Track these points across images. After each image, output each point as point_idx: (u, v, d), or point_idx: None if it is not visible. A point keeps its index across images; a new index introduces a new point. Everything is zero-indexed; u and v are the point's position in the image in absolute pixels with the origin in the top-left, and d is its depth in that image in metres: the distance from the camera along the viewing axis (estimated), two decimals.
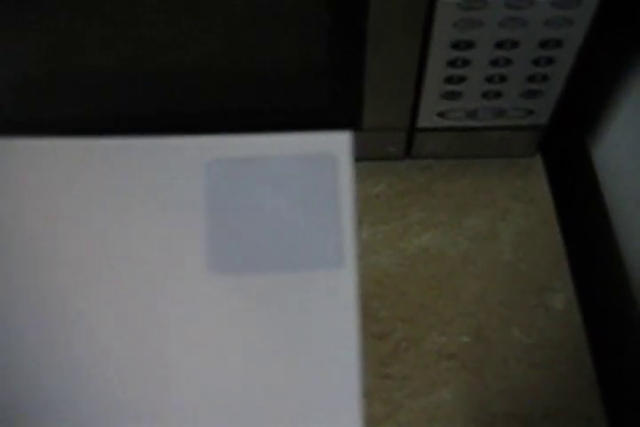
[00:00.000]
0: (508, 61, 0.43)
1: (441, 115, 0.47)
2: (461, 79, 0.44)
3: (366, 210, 0.48)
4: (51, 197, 0.32)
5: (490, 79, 0.44)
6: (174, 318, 0.32)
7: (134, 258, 0.32)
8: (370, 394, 0.41)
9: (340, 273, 0.32)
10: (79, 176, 0.32)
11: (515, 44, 0.42)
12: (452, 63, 0.43)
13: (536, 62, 0.43)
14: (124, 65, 0.43)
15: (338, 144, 0.33)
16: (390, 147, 0.51)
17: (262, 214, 0.32)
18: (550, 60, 0.43)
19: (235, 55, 0.43)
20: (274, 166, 0.32)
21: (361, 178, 0.38)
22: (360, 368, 0.32)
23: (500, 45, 0.42)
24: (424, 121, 0.48)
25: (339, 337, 0.32)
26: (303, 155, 0.32)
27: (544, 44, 0.42)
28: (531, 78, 0.44)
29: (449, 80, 0.44)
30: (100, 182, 0.32)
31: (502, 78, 0.44)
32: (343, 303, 0.32)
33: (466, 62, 0.43)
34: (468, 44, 0.42)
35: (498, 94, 0.46)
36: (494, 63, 0.43)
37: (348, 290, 0.32)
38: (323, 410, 0.32)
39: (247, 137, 0.32)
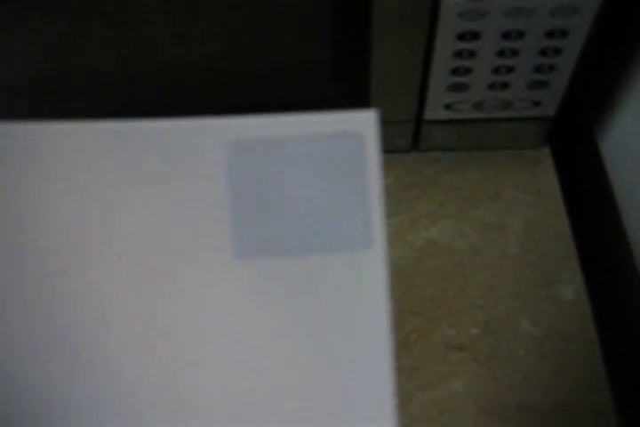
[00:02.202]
0: (514, 52, 0.43)
1: (448, 107, 0.47)
2: (468, 71, 0.44)
3: None
4: (67, 182, 0.31)
5: (496, 70, 0.44)
6: (197, 304, 0.31)
7: (155, 243, 0.31)
8: None
9: (368, 254, 0.31)
10: (95, 161, 0.31)
11: (521, 35, 0.42)
12: (458, 54, 0.43)
13: (543, 53, 0.43)
14: (123, 64, 0.43)
15: (364, 122, 0.32)
16: (397, 139, 0.51)
17: (287, 195, 0.31)
18: (557, 51, 0.43)
19: (236, 53, 0.43)
20: (298, 146, 0.31)
21: None
22: (392, 356, 0.31)
23: (506, 36, 0.42)
24: (431, 113, 0.48)
25: (368, 321, 0.31)
26: (328, 134, 0.31)
27: (550, 34, 0.42)
28: (537, 69, 0.44)
29: (455, 72, 0.44)
30: (117, 166, 0.31)
31: (509, 69, 0.44)
32: (373, 285, 0.31)
33: (472, 53, 0.43)
34: (474, 35, 0.42)
35: (504, 86, 0.45)
36: (500, 54, 0.43)
37: (378, 271, 0.31)
38: (354, 402, 0.31)
39: (270, 117, 0.31)
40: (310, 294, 0.31)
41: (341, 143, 0.31)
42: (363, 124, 0.31)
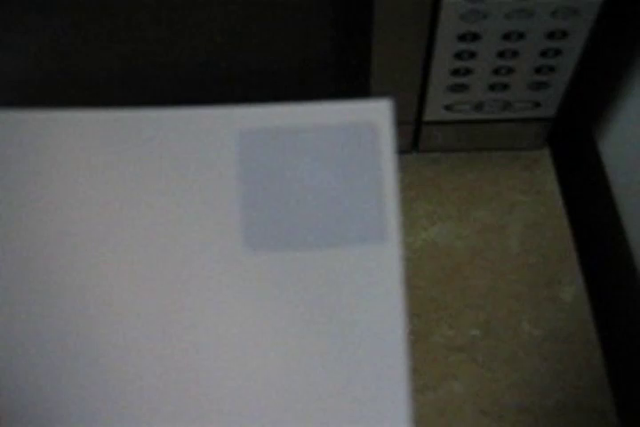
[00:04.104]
0: (514, 53, 0.43)
1: (448, 108, 0.47)
2: (468, 71, 0.44)
3: None
4: (72, 172, 0.31)
5: (497, 71, 0.44)
6: (206, 299, 0.31)
7: (162, 236, 0.31)
8: None
9: (382, 248, 0.30)
10: (101, 150, 0.31)
11: (521, 36, 0.42)
12: (458, 55, 0.43)
13: (543, 54, 0.43)
14: (123, 64, 0.42)
15: (378, 112, 0.31)
16: (397, 140, 0.51)
17: (299, 187, 0.30)
18: (557, 52, 0.43)
19: (236, 52, 0.43)
20: (310, 136, 0.30)
21: None
22: (407, 354, 0.30)
23: (506, 37, 0.42)
24: (431, 114, 0.48)
25: (382, 317, 0.31)
26: (341, 124, 0.30)
27: (551, 36, 0.42)
28: (538, 70, 0.44)
29: (455, 73, 0.44)
30: (124, 157, 0.31)
31: (509, 70, 0.44)
32: (387, 280, 0.30)
33: (472, 54, 0.43)
34: (475, 36, 0.42)
35: (505, 87, 0.45)
36: (501, 55, 0.43)
37: (392, 266, 0.30)
38: (367, 402, 0.31)
39: (281, 106, 0.31)
40: (322, 288, 0.30)
41: (354, 134, 0.30)
42: (377, 114, 0.31)
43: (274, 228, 0.30)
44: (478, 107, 0.47)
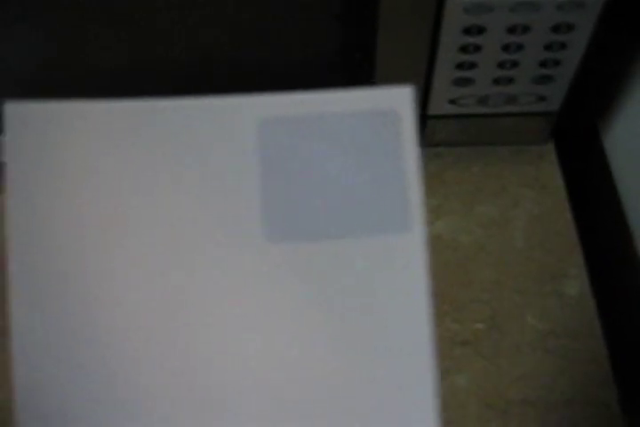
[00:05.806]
0: (519, 47, 0.43)
1: (452, 102, 0.47)
2: (473, 65, 0.44)
3: None
4: (89, 162, 0.30)
5: (501, 65, 0.44)
6: (227, 291, 0.30)
7: (182, 227, 0.30)
8: None
9: (406, 238, 0.29)
10: (119, 140, 0.30)
11: (526, 29, 0.41)
12: (463, 49, 0.43)
13: (548, 47, 0.43)
14: (132, 59, 0.42)
15: (399, 99, 0.30)
16: None
17: (320, 176, 0.29)
18: (562, 45, 0.43)
19: (241, 50, 0.43)
20: (330, 125, 0.29)
21: None
22: (433, 346, 0.29)
23: (511, 30, 0.42)
24: (435, 108, 0.48)
25: (407, 309, 0.30)
26: (362, 112, 0.29)
27: (556, 29, 0.42)
28: (543, 64, 0.44)
29: (460, 66, 0.44)
30: (144, 146, 0.30)
31: (514, 64, 0.44)
32: (411, 271, 0.29)
33: (477, 48, 0.43)
34: (480, 30, 0.42)
35: (509, 80, 0.45)
36: (506, 48, 0.43)
37: (416, 256, 0.29)
38: (392, 401, 0.30)
39: (301, 94, 0.30)
40: (345, 279, 0.30)
41: (376, 121, 0.30)
42: (398, 101, 0.30)
43: (295, 218, 0.30)
44: (483, 101, 0.47)
